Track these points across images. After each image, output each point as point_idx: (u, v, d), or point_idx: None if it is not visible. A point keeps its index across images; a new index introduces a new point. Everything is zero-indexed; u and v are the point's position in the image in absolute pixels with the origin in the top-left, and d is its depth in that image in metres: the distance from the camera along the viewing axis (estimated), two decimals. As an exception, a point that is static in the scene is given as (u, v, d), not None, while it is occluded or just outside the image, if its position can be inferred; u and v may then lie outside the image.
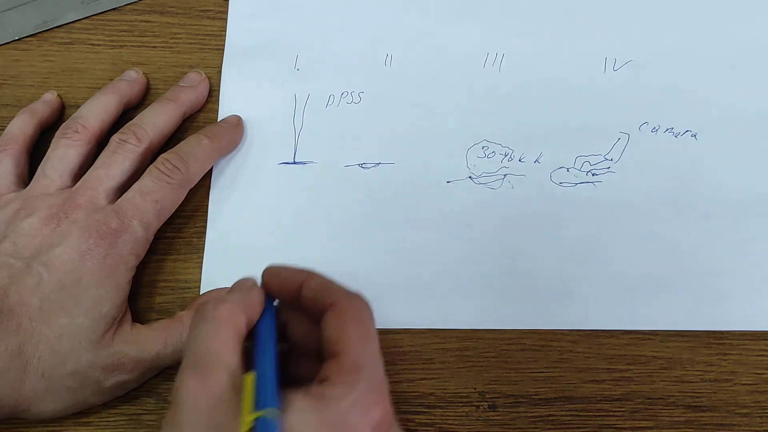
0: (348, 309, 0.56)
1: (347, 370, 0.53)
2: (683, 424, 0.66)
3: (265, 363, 0.54)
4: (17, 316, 0.62)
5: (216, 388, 0.51)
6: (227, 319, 0.55)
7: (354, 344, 0.54)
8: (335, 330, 0.55)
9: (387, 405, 0.53)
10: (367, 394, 0.52)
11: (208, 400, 0.50)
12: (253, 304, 0.58)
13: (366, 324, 0.56)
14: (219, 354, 0.53)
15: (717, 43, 0.76)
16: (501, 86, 0.76)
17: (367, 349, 0.54)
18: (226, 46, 0.80)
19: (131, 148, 0.70)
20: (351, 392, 0.51)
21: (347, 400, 0.51)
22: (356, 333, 0.55)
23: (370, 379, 0.53)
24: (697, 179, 0.71)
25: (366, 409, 0.51)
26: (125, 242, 0.66)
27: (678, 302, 0.68)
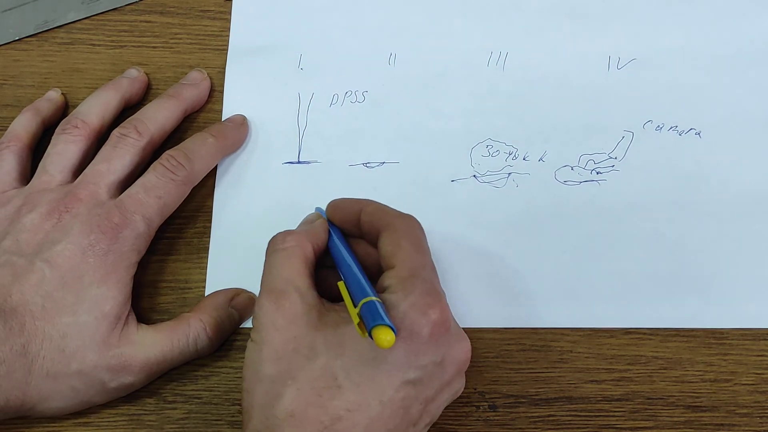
0: (401, 226, 0.64)
1: (403, 277, 0.60)
2: (683, 424, 0.67)
3: (350, 269, 0.63)
4: (21, 315, 0.64)
5: (290, 307, 0.60)
6: (294, 248, 0.64)
7: (408, 255, 0.62)
8: (390, 245, 0.63)
9: (444, 307, 0.60)
10: (424, 297, 0.59)
11: (285, 319, 0.60)
12: (317, 233, 0.67)
13: (418, 238, 0.64)
14: (290, 278, 0.62)
15: (721, 41, 0.78)
16: (505, 85, 0.78)
17: (420, 260, 0.62)
18: (229, 46, 0.82)
19: (132, 143, 0.72)
20: (408, 296, 0.59)
21: (405, 304, 0.58)
22: (409, 246, 0.63)
23: (425, 284, 0.60)
24: (701, 177, 0.73)
25: (423, 311, 0.58)
26: (127, 237, 0.68)
27: (682, 300, 0.70)
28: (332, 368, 0.58)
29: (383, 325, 0.54)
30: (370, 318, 0.55)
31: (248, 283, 0.73)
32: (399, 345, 0.57)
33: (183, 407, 0.70)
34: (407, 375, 0.58)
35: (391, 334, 0.54)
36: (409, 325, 0.57)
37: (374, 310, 0.56)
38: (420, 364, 0.59)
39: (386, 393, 0.58)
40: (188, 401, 0.71)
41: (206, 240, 0.75)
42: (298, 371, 0.58)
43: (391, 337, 0.54)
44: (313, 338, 0.59)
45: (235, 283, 0.73)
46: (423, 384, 0.59)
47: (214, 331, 0.70)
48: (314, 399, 0.57)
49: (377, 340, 0.54)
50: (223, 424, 0.70)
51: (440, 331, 0.59)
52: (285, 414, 0.57)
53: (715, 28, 0.78)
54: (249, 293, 0.73)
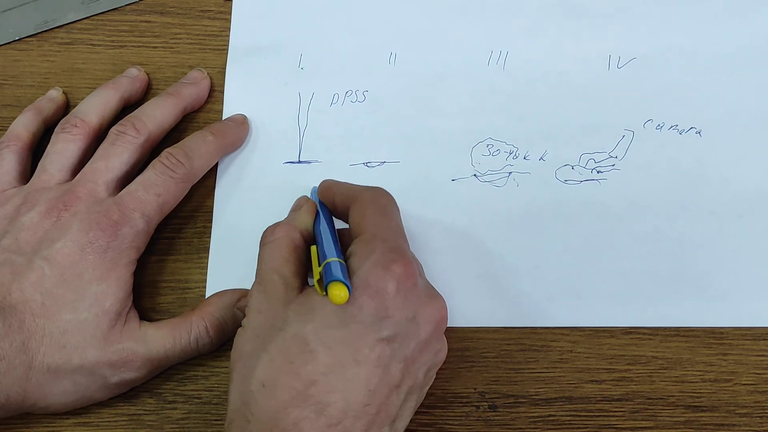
0: (367, 197, 0.67)
1: (366, 240, 0.62)
2: (683, 424, 0.68)
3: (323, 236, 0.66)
4: (20, 312, 0.65)
5: (272, 292, 0.63)
6: (282, 238, 0.66)
7: (371, 221, 0.64)
8: (357, 216, 0.65)
9: (407, 262, 0.61)
10: (386, 254, 0.61)
11: (267, 302, 0.63)
12: (303, 218, 0.69)
13: (383, 205, 0.67)
14: (276, 267, 0.64)
15: (721, 40, 0.78)
16: (505, 84, 0.78)
17: (384, 222, 0.65)
18: (230, 45, 0.82)
19: (130, 140, 0.72)
20: (371, 255, 0.61)
21: (368, 262, 0.60)
22: (373, 213, 0.65)
23: (386, 243, 0.62)
24: (701, 176, 0.74)
25: (386, 266, 0.60)
26: (126, 234, 0.68)
27: (683, 299, 0.71)
28: (303, 334, 0.59)
29: (335, 281, 0.57)
30: (328, 275, 0.58)
31: (249, 283, 0.72)
32: (366, 302, 0.59)
33: (183, 407, 0.71)
34: (380, 332, 0.59)
35: (344, 290, 0.57)
36: (374, 282, 0.59)
37: (333, 269, 0.59)
38: (392, 321, 0.59)
39: (360, 352, 0.58)
40: (188, 401, 0.71)
41: (206, 240, 0.76)
42: (270, 343, 0.60)
43: (344, 294, 0.56)
44: (287, 311, 0.61)
45: (235, 283, 0.74)
46: (397, 341, 0.60)
47: (216, 330, 0.71)
48: (286, 366, 0.58)
49: (330, 296, 0.57)
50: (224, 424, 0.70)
51: (406, 285, 0.60)
52: (258, 385, 0.59)
53: (715, 28, 0.78)
54: (256, 296, 0.74)
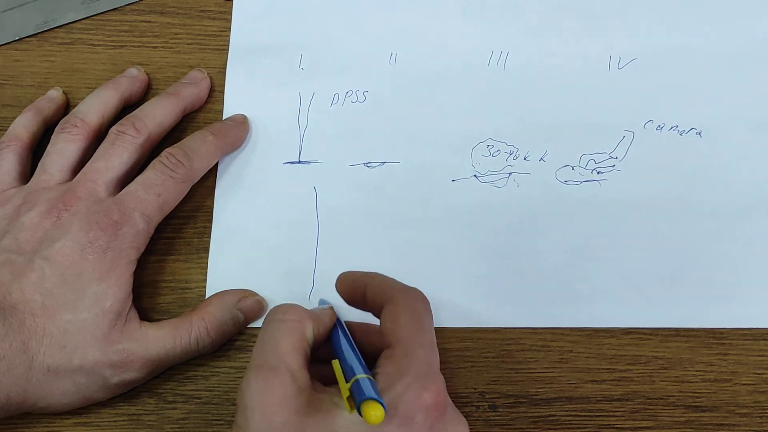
0: (402, 301, 0.61)
1: (398, 357, 0.58)
2: (683, 424, 0.68)
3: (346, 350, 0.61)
4: (20, 312, 0.65)
5: (279, 388, 0.56)
6: (293, 322, 0.60)
7: (405, 333, 0.59)
8: (389, 321, 0.60)
9: (440, 389, 0.57)
10: (418, 380, 0.56)
11: (273, 401, 0.56)
12: (321, 316, 0.64)
13: (418, 315, 0.61)
14: (283, 355, 0.58)
15: (721, 41, 0.78)
16: (506, 84, 0.78)
17: (418, 338, 0.59)
18: (230, 45, 0.82)
19: (130, 140, 0.72)
20: (403, 377, 0.56)
21: (399, 385, 0.55)
22: (408, 323, 0.60)
23: (420, 366, 0.57)
24: (701, 177, 0.74)
25: (418, 393, 0.55)
26: (126, 234, 0.68)
27: (683, 300, 0.71)
28: None
29: (372, 400, 0.53)
30: (360, 393, 0.54)
31: (248, 283, 0.74)
32: (391, 430, 0.55)
33: (183, 407, 0.71)
34: None
35: (380, 409, 0.52)
36: (403, 409, 0.55)
37: (364, 386, 0.54)
38: None
39: None
40: (188, 401, 0.71)
41: (206, 240, 0.76)
42: None
43: (380, 413, 0.52)
44: (303, 425, 0.55)
45: (235, 282, 0.74)
46: None
47: (217, 331, 0.71)
48: None
49: (366, 416, 0.52)
50: (223, 424, 0.70)
51: (435, 415, 0.56)
52: None
53: (715, 28, 0.78)
54: (258, 297, 0.73)
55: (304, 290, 0.74)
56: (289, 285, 0.74)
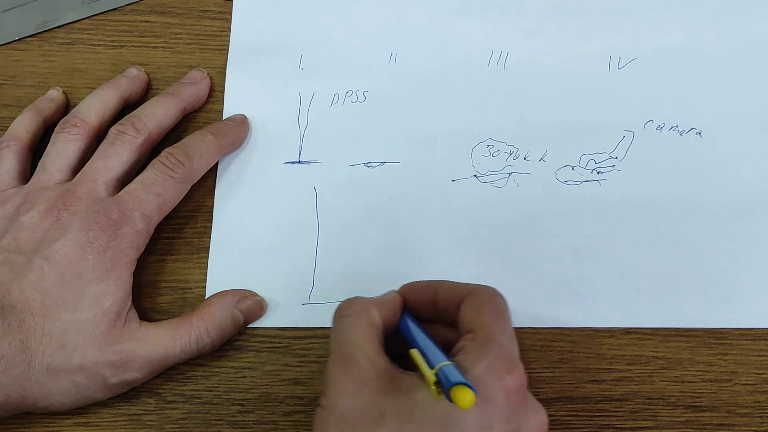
0: (483, 293, 0.63)
1: (480, 340, 0.59)
2: (683, 424, 0.68)
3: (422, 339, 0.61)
4: (20, 312, 0.65)
5: (358, 373, 0.59)
6: (359, 313, 0.62)
7: (487, 320, 0.60)
8: (471, 310, 0.61)
9: (521, 374, 0.58)
10: (500, 361, 0.57)
11: (353, 384, 0.58)
12: (386, 302, 0.65)
13: (499, 307, 0.62)
14: (357, 343, 0.60)
15: (721, 41, 0.78)
16: (506, 84, 0.79)
17: (499, 327, 0.60)
18: (230, 45, 0.82)
19: (130, 140, 0.73)
20: (483, 359, 0.57)
21: (480, 367, 0.56)
22: (490, 312, 0.61)
23: (502, 349, 0.59)
24: (701, 177, 0.74)
25: (499, 376, 0.56)
26: (125, 234, 0.68)
27: (684, 300, 0.71)
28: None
29: (463, 384, 0.52)
30: (448, 378, 0.53)
31: (248, 283, 0.74)
32: (472, 411, 0.55)
33: (183, 407, 0.71)
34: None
35: (471, 394, 0.52)
36: (483, 390, 0.55)
37: (452, 371, 0.54)
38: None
39: None
40: (188, 401, 0.71)
41: (206, 240, 0.76)
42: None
43: (471, 397, 0.51)
44: (383, 404, 0.57)
45: (235, 283, 0.74)
46: None
47: (217, 331, 0.71)
48: None
49: (457, 401, 0.51)
50: (223, 424, 0.70)
51: (516, 399, 0.57)
52: None
53: (715, 28, 0.78)
54: (257, 297, 0.73)
55: (304, 290, 0.74)
56: (289, 285, 0.74)
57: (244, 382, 0.72)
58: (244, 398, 0.71)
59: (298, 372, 0.72)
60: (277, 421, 0.71)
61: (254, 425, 0.71)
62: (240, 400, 0.71)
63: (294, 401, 0.71)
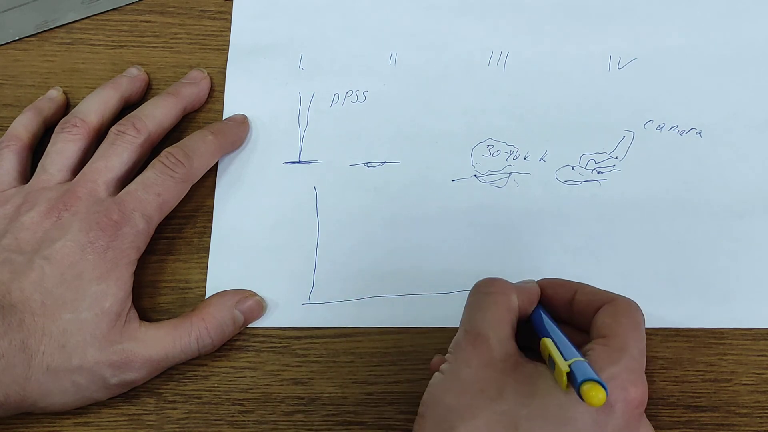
0: (623, 304, 0.62)
1: (613, 348, 0.58)
2: (683, 424, 0.68)
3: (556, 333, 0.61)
4: (20, 311, 0.65)
5: (486, 351, 0.60)
6: (498, 294, 0.63)
7: (623, 330, 0.60)
8: (608, 317, 0.61)
9: (644, 391, 0.57)
10: (627, 373, 0.57)
11: (479, 360, 0.59)
12: (526, 289, 0.65)
13: (638, 321, 0.61)
14: (490, 323, 0.61)
15: (721, 41, 0.78)
16: (506, 84, 0.79)
17: (635, 338, 0.60)
18: (230, 45, 0.82)
19: (130, 140, 0.73)
20: (613, 366, 0.57)
21: (608, 372, 0.56)
22: (627, 323, 0.60)
23: (633, 362, 0.58)
24: (701, 177, 0.74)
25: (624, 386, 0.56)
26: (126, 234, 0.68)
27: (683, 299, 0.71)
28: (515, 416, 0.56)
29: (596, 382, 0.52)
30: (582, 373, 0.54)
31: (249, 283, 0.74)
32: (589, 411, 0.55)
33: (183, 407, 0.71)
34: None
35: (603, 392, 0.52)
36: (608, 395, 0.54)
37: (585, 368, 0.54)
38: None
39: None
40: (188, 401, 0.71)
41: (206, 240, 0.76)
42: (480, 410, 0.57)
43: (603, 396, 0.52)
44: (504, 383, 0.58)
45: (235, 283, 0.74)
46: None
47: (217, 331, 0.71)
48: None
49: (588, 397, 0.52)
50: (223, 424, 0.71)
51: (633, 414, 0.57)
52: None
53: (715, 28, 0.79)
54: (257, 297, 0.73)
55: (304, 290, 0.74)
56: (289, 285, 0.74)
57: (244, 382, 0.72)
58: (244, 398, 0.71)
59: (298, 372, 0.72)
60: (277, 421, 0.70)
61: (254, 425, 0.71)
62: (240, 400, 0.71)
63: (294, 401, 0.71)
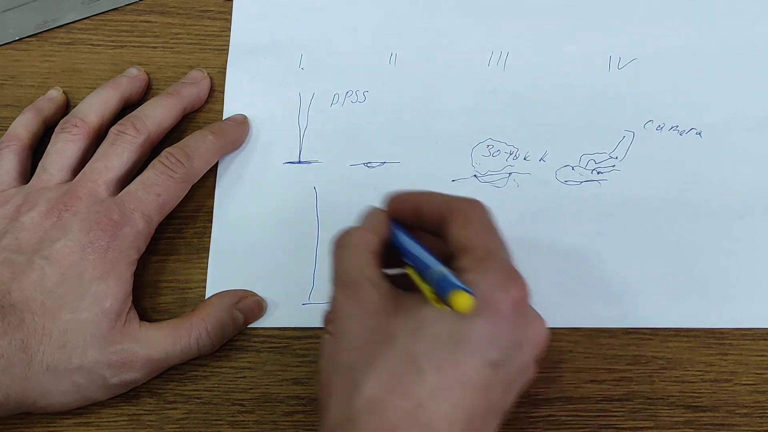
0: (469, 210, 0.62)
1: (480, 257, 0.58)
2: (683, 424, 0.68)
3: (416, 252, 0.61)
4: (20, 311, 0.65)
5: (365, 297, 0.59)
6: (359, 241, 0.62)
7: (481, 236, 0.60)
8: (462, 229, 0.60)
9: (524, 284, 0.58)
10: (503, 274, 0.57)
11: (361, 308, 0.58)
12: (378, 223, 0.65)
13: (488, 221, 0.62)
14: (360, 270, 0.60)
15: (721, 41, 0.78)
16: (506, 85, 0.79)
17: (495, 243, 0.61)
18: (230, 45, 0.82)
19: (130, 140, 0.73)
20: (487, 274, 0.57)
21: (484, 282, 0.56)
22: (482, 229, 0.61)
23: (503, 263, 0.59)
24: (701, 177, 0.74)
25: (503, 287, 0.57)
26: (126, 235, 0.69)
27: (683, 299, 0.71)
28: (412, 352, 0.56)
29: (459, 289, 0.53)
30: (445, 286, 0.54)
31: (249, 283, 0.74)
32: (480, 323, 0.55)
33: (183, 407, 0.71)
34: (489, 356, 0.56)
35: (469, 297, 0.53)
36: (490, 302, 0.55)
37: (448, 279, 0.55)
38: (501, 345, 0.56)
39: (468, 376, 0.55)
40: (188, 401, 0.71)
41: (206, 240, 0.76)
42: (377, 358, 0.56)
43: (470, 301, 0.53)
44: (391, 324, 0.57)
45: (235, 283, 0.74)
46: (503, 366, 0.57)
47: (216, 332, 0.71)
48: (395, 386, 0.55)
49: (456, 305, 0.53)
50: (223, 424, 0.71)
51: (520, 310, 0.58)
52: (365, 403, 0.55)
53: (715, 28, 0.78)
54: (256, 297, 0.74)
55: (304, 290, 0.74)
56: (289, 285, 0.74)
57: (244, 382, 0.72)
58: (244, 398, 0.71)
59: (298, 372, 0.72)
60: (277, 421, 0.71)
61: (254, 425, 0.71)
62: (240, 400, 0.71)
63: (294, 401, 0.71)
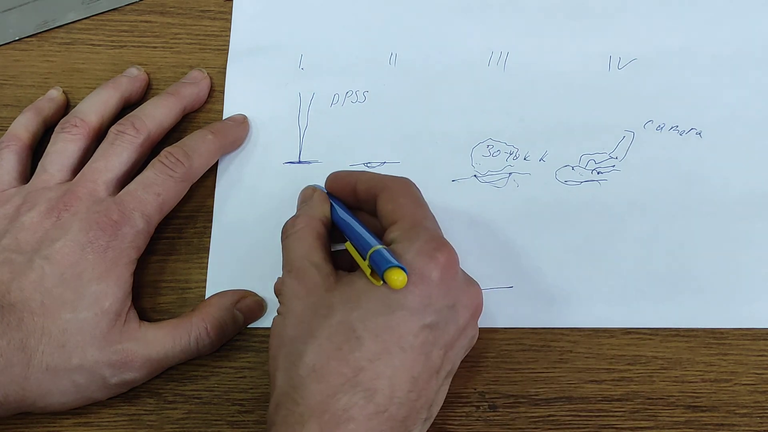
0: (397, 186, 0.68)
1: (406, 228, 0.64)
2: (683, 424, 0.68)
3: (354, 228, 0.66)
4: (19, 311, 0.65)
5: (309, 279, 0.64)
6: (304, 228, 0.67)
7: (408, 209, 0.66)
8: (389, 203, 0.66)
9: (450, 250, 0.63)
10: (429, 242, 0.62)
11: (305, 289, 0.64)
12: (319, 207, 0.70)
13: (415, 195, 0.68)
14: (305, 255, 0.65)
15: (721, 42, 0.78)
16: (506, 85, 0.79)
17: (421, 212, 0.66)
18: (230, 45, 0.82)
19: (129, 139, 0.73)
20: (414, 243, 0.62)
21: (412, 250, 0.62)
22: (408, 202, 0.66)
23: (429, 232, 0.64)
24: (701, 177, 0.74)
25: (430, 255, 0.61)
26: (126, 234, 0.69)
27: (682, 300, 0.71)
28: (350, 321, 0.60)
29: (393, 267, 0.58)
30: (380, 264, 0.59)
31: (249, 283, 0.74)
32: (411, 290, 0.60)
33: (183, 407, 0.71)
34: (423, 319, 0.60)
35: (403, 273, 0.58)
36: (419, 270, 0.60)
37: (383, 256, 0.60)
38: (434, 308, 0.61)
39: (405, 339, 0.60)
40: (188, 401, 0.71)
41: (206, 240, 0.76)
42: (317, 329, 0.61)
43: (403, 277, 0.58)
44: (330, 298, 0.62)
45: (235, 283, 0.74)
46: (439, 328, 0.62)
47: (216, 331, 0.71)
48: (335, 353, 0.59)
49: (390, 282, 0.58)
50: (223, 424, 0.71)
51: (449, 273, 0.62)
52: (307, 370, 0.59)
53: (715, 28, 0.79)
54: (256, 297, 0.74)
55: (303, 290, 0.73)
56: (289, 285, 0.74)
57: (244, 382, 0.72)
58: (244, 398, 0.71)
59: (298, 372, 0.71)
60: (277, 421, 0.70)
61: (254, 425, 0.71)
62: (240, 400, 0.71)
63: (294, 401, 0.71)
